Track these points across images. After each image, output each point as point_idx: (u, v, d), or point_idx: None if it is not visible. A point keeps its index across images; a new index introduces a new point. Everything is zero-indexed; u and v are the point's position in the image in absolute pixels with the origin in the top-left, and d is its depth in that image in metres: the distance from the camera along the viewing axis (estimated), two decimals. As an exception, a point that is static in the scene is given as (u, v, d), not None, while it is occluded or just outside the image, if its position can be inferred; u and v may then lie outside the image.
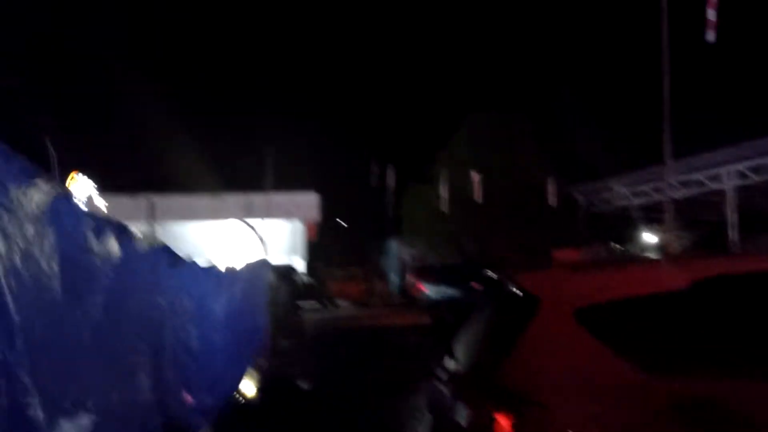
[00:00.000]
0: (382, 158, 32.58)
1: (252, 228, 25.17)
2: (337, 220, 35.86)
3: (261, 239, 23.94)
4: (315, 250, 33.29)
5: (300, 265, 30.43)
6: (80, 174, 23.08)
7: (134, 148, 34.19)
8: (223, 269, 9.03)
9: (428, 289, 21.81)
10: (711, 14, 15.07)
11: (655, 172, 20.90)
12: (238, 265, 11.23)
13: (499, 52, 49.58)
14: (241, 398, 8.31)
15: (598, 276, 3.44)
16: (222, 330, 8.00)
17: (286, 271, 19.90)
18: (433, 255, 30.62)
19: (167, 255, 5.48)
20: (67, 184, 22.39)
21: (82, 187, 23.04)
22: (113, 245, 3.66)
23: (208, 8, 55.08)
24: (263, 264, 12.74)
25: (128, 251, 4.04)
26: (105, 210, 24.32)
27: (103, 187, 25.14)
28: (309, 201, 31.93)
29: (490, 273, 16.39)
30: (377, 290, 29.04)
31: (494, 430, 2.73)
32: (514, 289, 3.50)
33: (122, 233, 3.89)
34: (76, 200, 3.30)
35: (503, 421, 2.72)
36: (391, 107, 49.13)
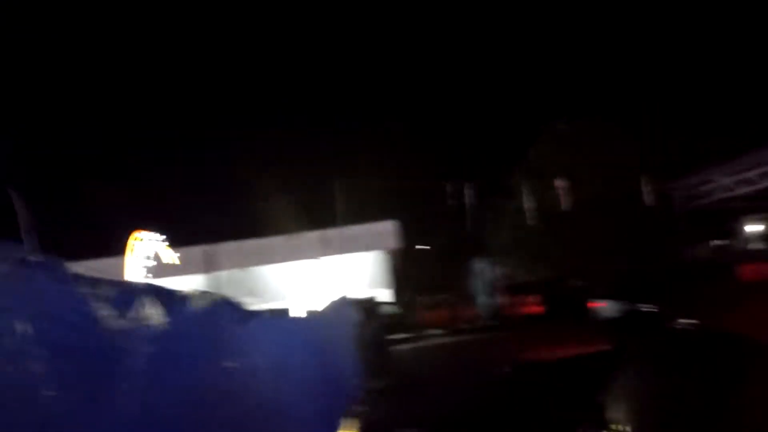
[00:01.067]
0: (457, 176, 31.48)
1: (333, 263, 24.58)
2: (418, 246, 34.80)
3: (341, 274, 23.27)
4: (399, 279, 32.36)
5: (385, 296, 29.58)
6: (144, 232, 23.05)
7: (201, 197, 34.69)
8: (302, 313, 8.39)
9: (601, 306, 18.05)
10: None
11: (762, 155, 18.88)
12: (319, 306, 10.46)
13: (571, 54, 47.61)
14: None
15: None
16: (308, 383, 7.31)
17: (370, 305, 18.23)
18: (523, 272, 29.06)
19: (231, 311, 4.70)
20: (129, 246, 22.44)
21: (146, 246, 23.03)
22: (145, 314, 2.85)
23: (259, 40, 55.94)
24: (344, 302, 11.93)
25: (174, 317, 3.23)
26: (176, 263, 24.26)
27: (173, 241, 25.19)
28: (386, 230, 31.15)
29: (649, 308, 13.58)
30: (467, 315, 27.72)
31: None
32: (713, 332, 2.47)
33: (160, 297, 3.08)
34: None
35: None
36: (460, 123, 47.97)
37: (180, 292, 3.69)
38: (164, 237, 23.30)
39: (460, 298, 28.81)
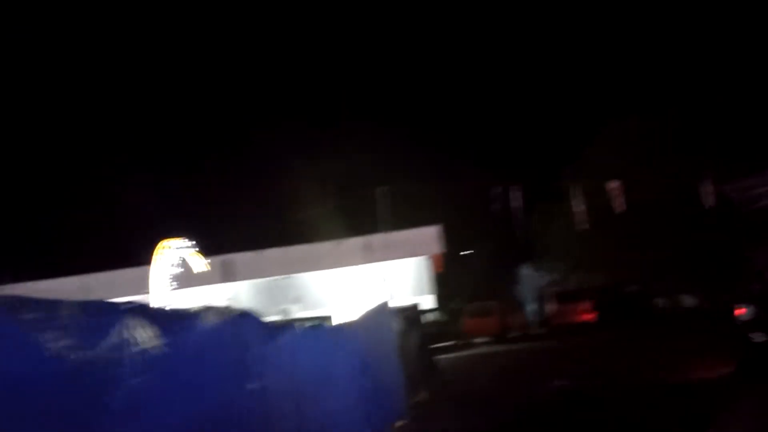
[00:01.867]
0: (504, 179, 30.53)
1: (377, 269, 24.04)
2: (463, 252, 33.93)
3: (384, 280, 22.70)
4: (443, 286, 31.56)
5: (429, 303, 28.85)
6: (172, 240, 22.65)
7: (241, 203, 34.60)
8: (344, 321, 8.26)
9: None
10: None
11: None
12: (360, 314, 9.97)
13: (624, 52, 45.97)
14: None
15: None
16: (350, 396, 7.09)
17: (413, 312, 17.15)
18: (574, 278, 27.95)
19: (254, 327, 4.24)
20: (156, 254, 22.08)
21: (173, 254, 22.55)
22: (129, 340, 2.29)
23: (298, 41, 55.92)
24: (384, 308, 11.28)
25: (174, 339, 2.69)
26: (203, 269, 23.83)
27: (211, 248, 24.78)
28: (430, 235, 30.41)
29: None
30: (515, 323, 26.74)
31: None
32: None
33: (154, 318, 2.54)
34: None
35: None
36: (508, 125, 46.78)
37: (186, 309, 3.16)
38: (193, 243, 22.87)
39: (507, 305, 27.87)
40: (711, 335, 14.79)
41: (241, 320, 4.04)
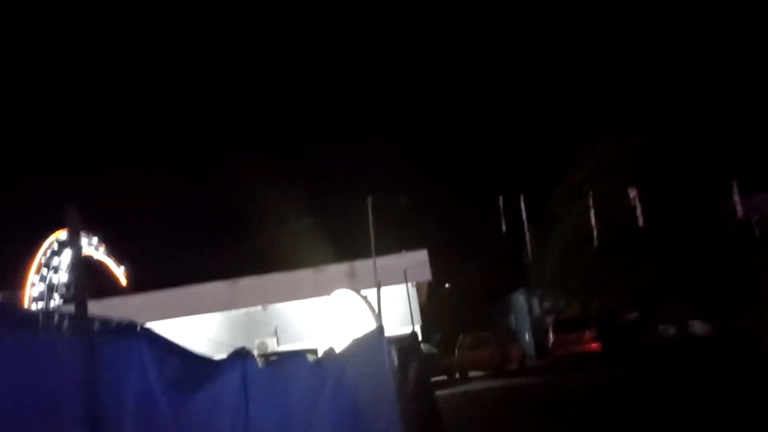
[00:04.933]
0: (498, 200, 28.61)
1: (363, 297, 21.86)
2: (454, 277, 31.84)
3: (372, 308, 20.49)
4: (431, 315, 29.44)
5: (417, 334, 26.67)
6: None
7: (210, 226, 32.37)
8: (330, 352, 7.05)
9: None
10: None
11: None
12: (350, 344, 8.24)
13: (623, 65, 44.94)
14: None
15: None
16: None
17: (412, 343, 14.95)
18: (573, 305, 25.97)
19: (240, 369, 3.74)
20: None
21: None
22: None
23: (276, 53, 54.36)
24: (379, 335, 9.42)
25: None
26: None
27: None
28: (418, 260, 28.36)
29: None
30: (513, 355, 24.62)
31: None
32: None
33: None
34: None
35: None
36: (502, 143, 45.29)
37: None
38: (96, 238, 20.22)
39: (503, 336, 25.80)
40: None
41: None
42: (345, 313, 26.03)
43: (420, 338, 25.58)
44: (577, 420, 11.32)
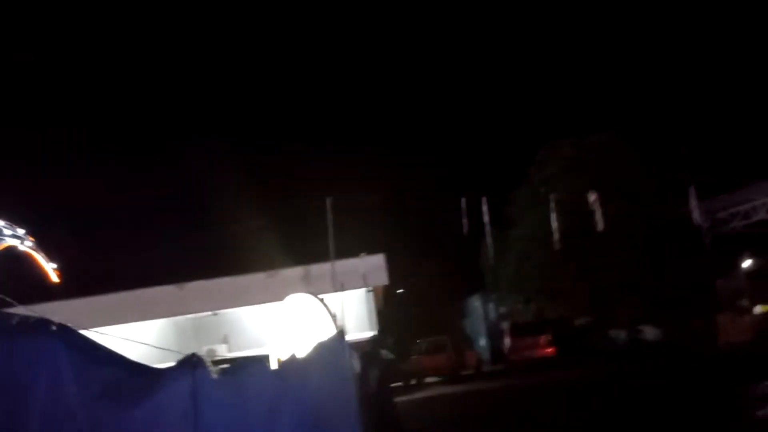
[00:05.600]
0: (454, 202, 28.24)
1: (320, 301, 21.25)
2: (410, 281, 31.40)
3: (331, 313, 19.90)
4: (387, 320, 28.98)
5: (374, 339, 26.20)
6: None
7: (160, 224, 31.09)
8: (286, 361, 6.75)
9: None
10: None
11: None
12: (305, 352, 7.81)
13: (581, 66, 45.31)
14: None
15: None
16: None
17: (373, 348, 14.26)
18: (530, 309, 25.95)
19: (189, 378, 3.48)
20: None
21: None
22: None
23: (247, 60, 53.32)
24: (340, 340, 8.95)
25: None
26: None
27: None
28: (374, 264, 27.90)
29: None
30: (468, 359, 24.44)
31: None
32: None
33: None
34: None
35: None
36: (460, 144, 45.04)
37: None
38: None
39: (459, 340, 25.58)
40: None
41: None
42: (301, 318, 25.25)
43: (378, 343, 25.18)
44: (535, 424, 11.17)
